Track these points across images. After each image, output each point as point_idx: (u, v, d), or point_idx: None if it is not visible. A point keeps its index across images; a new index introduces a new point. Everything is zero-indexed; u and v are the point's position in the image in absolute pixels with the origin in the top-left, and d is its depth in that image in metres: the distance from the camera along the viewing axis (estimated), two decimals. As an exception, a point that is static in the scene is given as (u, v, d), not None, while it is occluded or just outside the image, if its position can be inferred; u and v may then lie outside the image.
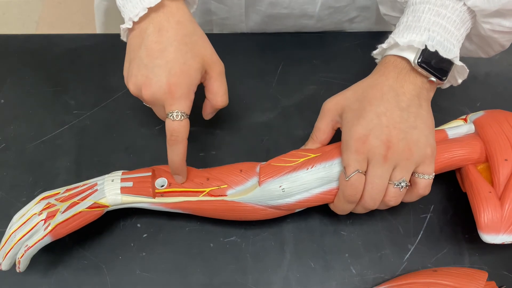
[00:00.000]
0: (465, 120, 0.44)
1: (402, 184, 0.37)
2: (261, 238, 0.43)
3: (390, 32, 0.40)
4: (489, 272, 0.39)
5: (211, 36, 0.52)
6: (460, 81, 0.41)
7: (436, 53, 0.37)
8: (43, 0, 1.55)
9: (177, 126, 0.37)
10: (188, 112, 0.38)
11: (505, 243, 0.37)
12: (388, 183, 0.37)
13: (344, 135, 0.38)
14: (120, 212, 0.43)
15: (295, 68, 0.54)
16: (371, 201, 0.37)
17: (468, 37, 0.42)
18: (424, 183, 0.37)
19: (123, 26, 0.38)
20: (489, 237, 0.37)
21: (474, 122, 0.43)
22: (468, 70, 0.39)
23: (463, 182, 0.43)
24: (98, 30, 0.68)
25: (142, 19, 0.37)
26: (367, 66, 0.53)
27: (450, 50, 0.37)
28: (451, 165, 0.41)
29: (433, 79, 0.37)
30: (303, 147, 0.43)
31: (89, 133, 0.49)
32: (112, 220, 0.44)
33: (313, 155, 0.40)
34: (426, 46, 0.37)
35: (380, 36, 0.57)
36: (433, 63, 0.37)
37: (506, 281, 0.41)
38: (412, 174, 0.37)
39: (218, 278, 0.41)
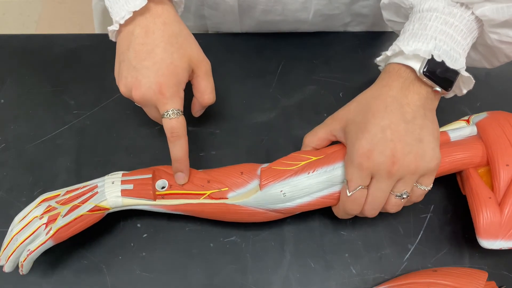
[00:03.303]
0: (468, 121, 0.44)
1: (404, 196, 0.37)
2: (261, 238, 0.43)
3: (390, 32, 0.40)
4: (489, 272, 0.39)
5: (211, 36, 0.52)
6: (465, 91, 0.40)
7: (442, 63, 0.36)
8: (43, 0, 1.55)
9: (175, 123, 0.37)
10: (182, 109, 0.38)
11: (503, 248, 0.37)
12: (390, 193, 0.37)
13: (349, 149, 0.37)
14: (120, 212, 0.43)
15: (295, 68, 0.54)
16: (371, 211, 0.38)
17: (474, 46, 0.41)
18: (420, 193, 0.38)
19: (110, 28, 0.39)
20: (487, 243, 0.37)
21: (477, 125, 0.42)
22: (474, 81, 0.38)
23: (463, 185, 0.42)
24: (97, 30, 0.68)
25: (128, 21, 0.38)
26: (367, 66, 0.53)
27: (457, 60, 0.36)
28: (452, 169, 0.41)
29: (438, 89, 0.36)
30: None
31: (89, 133, 0.49)
32: (112, 220, 0.43)
33: (314, 158, 0.40)
34: (432, 55, 0.36)
35: (380, 36, 0.57)
36: (438, 73, 0.36)
37: (506, 281, 0.41)
38: None
39: (218, 278, 0.41)
